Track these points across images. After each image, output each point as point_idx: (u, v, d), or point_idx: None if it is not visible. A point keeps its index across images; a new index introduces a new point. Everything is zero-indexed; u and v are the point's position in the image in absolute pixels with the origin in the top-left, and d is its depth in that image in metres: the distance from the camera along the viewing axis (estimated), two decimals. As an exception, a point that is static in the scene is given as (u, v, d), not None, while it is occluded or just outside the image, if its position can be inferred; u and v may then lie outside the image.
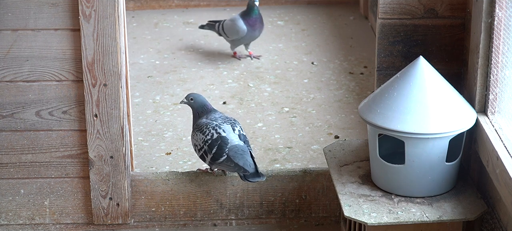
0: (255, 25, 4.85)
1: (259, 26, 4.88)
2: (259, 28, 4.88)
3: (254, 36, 4.90)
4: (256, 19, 4.85)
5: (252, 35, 4.88)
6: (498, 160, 2.73)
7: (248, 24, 4.84)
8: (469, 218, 2.88)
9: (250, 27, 4.84)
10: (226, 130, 3.30)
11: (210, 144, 3.27)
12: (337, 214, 3.48)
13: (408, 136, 2.86)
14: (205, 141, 3.29)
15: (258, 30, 4.88)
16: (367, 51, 5.06)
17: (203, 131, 3.31)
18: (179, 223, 3.49)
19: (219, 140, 3.26)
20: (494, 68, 2.89)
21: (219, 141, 3.26)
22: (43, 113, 3.31)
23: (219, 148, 3.26)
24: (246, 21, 4.85)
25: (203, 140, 3.30)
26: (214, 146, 3.26)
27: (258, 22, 4.86)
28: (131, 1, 5.78)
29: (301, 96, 4.49)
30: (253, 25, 4.85)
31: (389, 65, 3.18)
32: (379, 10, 3.11)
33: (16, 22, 3.20)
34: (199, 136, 3.32)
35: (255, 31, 4.87)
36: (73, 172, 3.40)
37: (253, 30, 4.86)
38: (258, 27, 4.87)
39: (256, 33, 4.89)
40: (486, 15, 2.87)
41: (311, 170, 3.46)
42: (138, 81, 4.71)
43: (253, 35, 4.88)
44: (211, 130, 3.29)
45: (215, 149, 3.26)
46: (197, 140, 3.33)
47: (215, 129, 3.29)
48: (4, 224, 3.46)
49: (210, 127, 3.30)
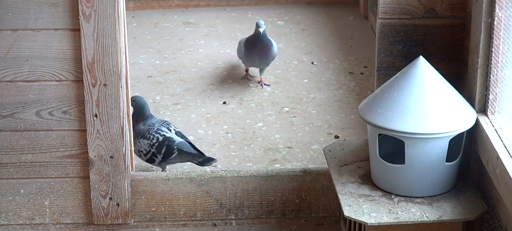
0: (254, 49, 4.51)
1: (259, 51, 4.51)
2: (259, 53, 4.51)
3: (252, 59, 4.54)
4: (255, 43, 4.50)
5: (250, 57, 4.53)
6: (498, 160, 2.73)
7: (246, 46, 4.54)
8: (469, 218, 2.88)
9: (248, 50, 4.52)
10: (166, 131, 3.68)
11: (157, 146, 3.64)
12: (337, 214, 3.48)
13: (408, 136, 2.86)
14: (151, 145, 3.65)
15: (257, 55, 4.51)
16: (367, 51, 5.06)
17: (146, 136, 3.66)
18: (179, 223, 3.49)
19: (166, 140, 3.65)
20: (494, 68, 2.89)
21: (166, 141, 3.65)
22: (43, 113, 3.31)
23: (168, 147, 3.65)
24: (247, 43, 4.55)
25: (149, 144, 3.65)
26: (162, 147, 3.64)
27: (259, 47, 4.50)
28: (131, 1, 5.78)
29: (301, 96, 4.49)
30: (250, 48, 4.52)
31: (389, 65, 3.18)
32: (379, 10, 3.11)
33: (16, 22, 3.20)
34: (143, 142, 3.66)
35: (254, 55, 4.52)
36: (73, 172, 3.40)
37: (251, 53, 4.52)
38: (257, 52, 4.51)
39: (255, 57, 4.52)
40: (486, 15, 2.87)
41: (311, 170, 3.46)
42: (138, 81, 4.71)
43: (251, 58, 4.53)
44: (154, 133, 3.66)
45: (164, 149, 3.64)
46: (141, 146, 3.67)
47: (158, 133, 3.66)
48: (4, 224, 3.46)
49: (153, 132, 3.66)
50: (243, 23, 5.55)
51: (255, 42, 4.50)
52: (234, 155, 3.88)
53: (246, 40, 4.54)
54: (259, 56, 4.52)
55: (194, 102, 4.43)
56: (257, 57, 4.52)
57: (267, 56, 4.53)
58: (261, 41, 4.49)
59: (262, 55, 4.52)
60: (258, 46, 4.50)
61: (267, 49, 4.52)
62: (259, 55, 4.51)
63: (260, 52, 4.51)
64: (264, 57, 4.53)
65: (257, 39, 4.49)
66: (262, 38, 4.48)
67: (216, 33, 5.40)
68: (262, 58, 4.53)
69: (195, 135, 4.07)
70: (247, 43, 4.53)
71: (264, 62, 4.56)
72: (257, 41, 4.49)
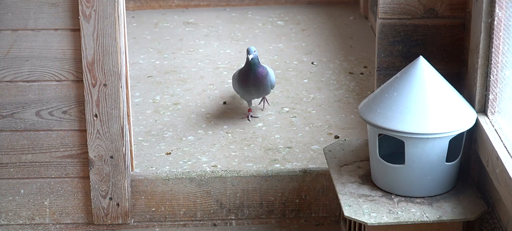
0: (248, 79, 4.06)
1: (254, 80, 4.06)
2: (254, 84, 4.06)
3: (249, 91, 4.10)
4: (248, 73, 4.06)
5: (247, 90, 4.09)
6: (498, 160, 2.73)
7: (240, 79, 4.10)
8: (469, 218, 2.88)
9: (242, 82, 4.09)
10: None
11: None
12: (337, 214, 3.48)
13: (408, 136, 2.86)
14: None
15: (253, 86, 4.07)
16: (367, 51, 5.06)
17: None
18: (179, 223, 3.49)
19: None
20: (494, 68, 2.89)
21: None
22: (43, 114, 3.31)
23: None
24: (239, 75, 4.11)
25: None
26: None
27: (253, 76, 4.05)
28: (131, 1, 5.78)
29: (301, 96, 4.49)
30: (244, 80, 4.08)
31: (389, 65, 3.18)
32: (379, 10, 3.11)
33: (16, 22, 3.20)
34: None
35: (249, 87, 4.07)
36: (73, 172, 3.40)
37: (246, 85, 4.08)
38: (252, 82, 4.05)
39: (251, 89, 4.08)
40: (486, 15, 2.87)
41: (311, 170, 3.46)
42: (138, 81, 4.71)
43: (248, 91, 4.10)
44: None
45: None
46: None
47: None
48: (4, 224, 3.46)
49: None
50: (243, 23, 5.55)
51: (248, 72, 4.05)
52: (234, 155, 3.88)
53: (239, 73, 4.11)
54: (255, 86, 4.06)
55: (194, 102, 4.43)
56: (253, 88, 4.07)
57: (264, 85, 4.08)
58: (253, 69, 4.04)
59: (258, 85, 4.06)
60: (252, 76, 4.05)
61: (262, 77, 4.06)
62: (254, 86, 4.06)
63: (255, 82, 4.05)
64: (261, 86, 4.08)
65: (249, 68, 4.04)
66: (254, 66, 4.04)
67: (216, 33, 5.39)
68: (259, 88, 4.08)
69: (195, 135, 4.07)
70: (240, 75, 4.09)
71: (263, 92, 4.13)
72: (249, 70, 4.05)
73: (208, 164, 3.83)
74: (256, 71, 4.04)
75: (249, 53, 4.03)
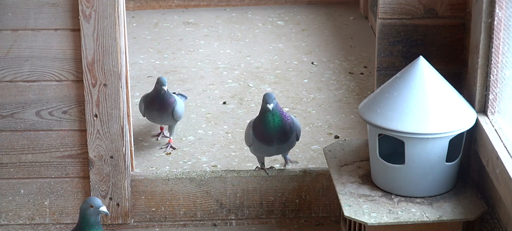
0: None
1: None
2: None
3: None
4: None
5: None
6: (498, 160, 2.73)
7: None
8: (469, 218, 2.88)
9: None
10: None
11: None
12: (337, 214, 3.48)
13: (408, 136, 2.86)
14: None
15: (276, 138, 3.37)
16: (367, 51, 5.06)
17: None
18: (179, 223, 3.49)
19: None
20: (494, 68, 2.89)
21: None
22: (43, 113, 3.31)
23: None
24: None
25: None
26: None
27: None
28: (131, 1, 5.78)
29: (301, 96, 4.49)
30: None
31: (389, 65, 3.18)
32: (379, 10, 3.11)
33: (16, 22, 3.20)
34: None
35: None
36: (73, 172, 3.40)
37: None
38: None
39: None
40: (486, 15, 2.87)
41: (311, 170, 3.46)
42: (138, 81, 4.71)
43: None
44: None
45: None
46: None
47: None
48: (4, 224, 3.46)
49: None
50: (243, 23, 5.55)
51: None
52: (234, 155, 3.88)
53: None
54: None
55: (194, 102, 4.43)
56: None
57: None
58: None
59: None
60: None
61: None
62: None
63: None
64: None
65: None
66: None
67: (216, 33, 5.40)
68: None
69: (195, 135, 4.07)
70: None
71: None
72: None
73: (208, 164, 3.84)
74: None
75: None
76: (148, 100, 3.91)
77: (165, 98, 3.86)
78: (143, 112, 3.95)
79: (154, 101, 3.88)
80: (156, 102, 3.88)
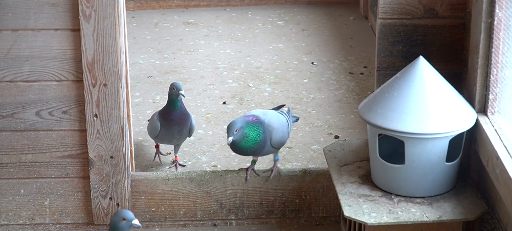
0: (173, 118, 3.64)
1: (179, 120, 3.64)
2: (179, 123, 3.64)
3: (171, 134, 3.68)
4: (173, 112, 3.64)
5: (170, 132, 3.67)
6: (498, 160, 2.73)
7: (163, 118, 3.67)
8: (469, 218, 2.88)
9: (169, 122, 3.65)
10: None
11: None
12: (337, 214, 3.48)
13: (408, 136, 2.86)
14: None
15: (177, 126, 3.64)
16: (367, 51, 5.06)
17: None
18: (179, 223, 3.50)
19: None
20: (494, 68, 2.89)
21: None
22: (43, 113, 3.31)
23: None
24: (161, 116, 3.67)
25: None
26: None
27: (178, 115, 3.63)
28: (131, 1, 5.78)
29: (301, 96, 4.49)
30: (171, 117, 3.65)
31: (389, 65, 3.18)
32: (379, 10, 3.11)
33: (16, 22, 3.20)
34: None
35: (173, 127, 3.65)
36: (73, 172, 3.40)
37: (171, 125, 3.65)
38: (177, 122, 3.63)
39: (175, 130, 3.65)
40: (486, 15, 2.87)
41: (311, 170, 3.46)
42: (138, 81, 4.71)
43: (171, 133, 3.68)
44: None
45: None
46: None
47: None
48: (4, 224, 3.46)
49: None
50: (243, 23, 5.55)
51: (170, 111, 3.63)
52: (234, 155, 3.88)
53: (161, 115, 3.66)
54: (178, 127, 3.65)
55: (194, 102, 4.43)
56: (175, 129, 3.66)
57: (186, 123, 3.68)
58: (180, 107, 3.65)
59: (181, 124, 3.65)
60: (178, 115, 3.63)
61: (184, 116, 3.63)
62: (178, 126, 3.65)
63: (181, 122, 3.65)
64: (184, 125, 3.67)
65: (173, 107, 3.64)
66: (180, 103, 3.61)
67: (216, 33, 5.40)
68: (180, 128, 3.67)
69: (195, 135, 4.07)
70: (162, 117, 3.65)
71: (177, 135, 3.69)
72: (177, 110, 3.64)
73: (208, 164, 3.84)
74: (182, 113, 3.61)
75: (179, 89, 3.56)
76: (165, 117, 3.64)
77: (184, 111, 3.64)
78: (158, 132, 3.66)
79: (174, 115, 3.62)
80: (177, 117, 3.63)
